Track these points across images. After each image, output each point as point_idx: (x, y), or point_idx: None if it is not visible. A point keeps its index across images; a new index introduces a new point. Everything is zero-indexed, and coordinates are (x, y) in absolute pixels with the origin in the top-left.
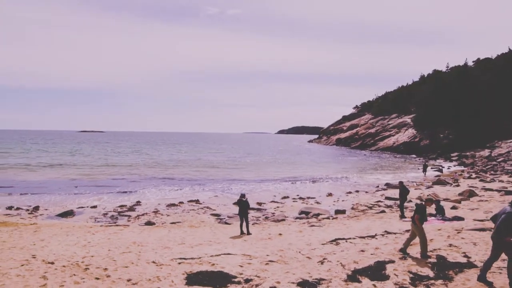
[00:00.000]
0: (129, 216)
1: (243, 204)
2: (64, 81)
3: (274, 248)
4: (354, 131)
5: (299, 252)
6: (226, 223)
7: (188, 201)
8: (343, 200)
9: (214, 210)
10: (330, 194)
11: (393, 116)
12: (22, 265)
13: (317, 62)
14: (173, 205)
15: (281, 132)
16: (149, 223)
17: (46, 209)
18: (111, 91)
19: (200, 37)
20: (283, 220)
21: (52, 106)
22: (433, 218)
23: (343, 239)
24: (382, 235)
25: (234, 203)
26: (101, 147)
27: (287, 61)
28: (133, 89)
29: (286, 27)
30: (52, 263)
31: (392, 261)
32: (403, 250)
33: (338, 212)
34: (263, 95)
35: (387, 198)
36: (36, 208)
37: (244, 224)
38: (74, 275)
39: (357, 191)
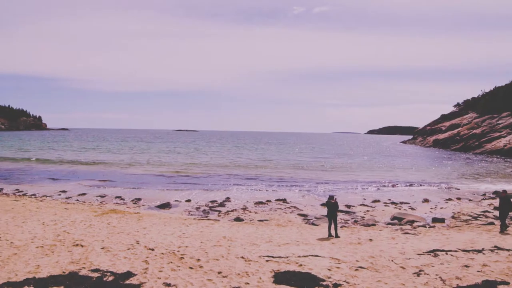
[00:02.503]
0: (219, 211)
1: (331, 206)
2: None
3: (364, 254)
4: (455, 131)
5: (392, 260)
6: (313, 224)
7: (276, 200)
8: (441, 208)
9: (301, 210)
10: (426, 200)
11: (504, 115)
12: (128, 249)
13: (411, 57)
14: (261, 203)
15: (372, 132)
16: (238, 219)
17: (147, 201)
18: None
19: (287, 37)
20: (374, 224)
21: (154, 107)
22: None
23: (443, 250)
24: (492, 250)
25: (322, 204)
26: (194, 146)
27: (378, 57)
28: (225, 90)
29: (376, 21)
30: (153, 249)
31: (506, 283)
32: None
33: (435, 220)
34: (352, 93)
35: (497, 208)
36: (139, 199)
37: (333, 226)
38: (171, 262)
39: (458, 199)
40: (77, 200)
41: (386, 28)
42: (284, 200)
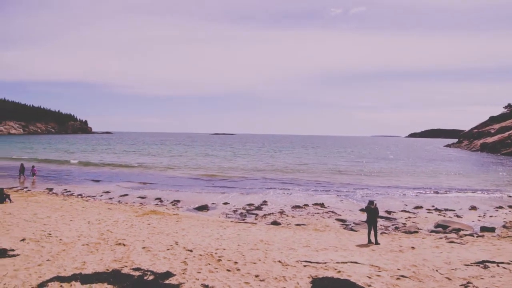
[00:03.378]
0: (257, 214)
1: (371, 212)
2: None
3: (406, 262)
4: (506, 134)
5: (436, 270)
6: (352, 229)
7: (313, 204)
8: (491, 216)
9: (339, 215)
10: (473, 208)
11: None
12: (168, 249)
13: (453, 56)
14: (298, 207)
15: (413, 135)
16: (275, 223)
17: (185, 203)
18: (241, 95)
19: (324, 39)
20: (416, 232)
21: (192, 111)
22: None
23: (494, 262)
24: None
25: (361, 210)
26: (231, 149)
27: (419, 57)
28: (261, 93)
29: (416, 20)
30: (191, 250)
31: None
32: None
33: (484, 229)
34: (392, 95)
35: None
36: (177, 201)
37: (372, 232)
38: (209, 264)
39: (510, 207)
40: (119, 201)
41: (425, 26)
42: (322, 205)
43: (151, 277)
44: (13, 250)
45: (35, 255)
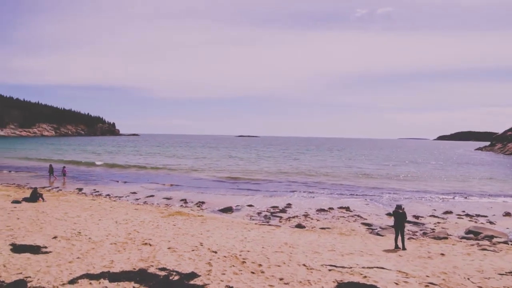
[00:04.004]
0: (281, 217)
1: (399, 216)
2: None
3: (435, 269)
4: None
5: (468, 278)
6: (378, 234)
7: (338, 208)
8: None
9: (365, 219)
10: (508, 214)
11: None
12: (193, 250)
13: (484, 56)
14: (323, 210)
15: (442, 138)
16: (299, 226)
17: (210, 204)
18: (265, 98)
19: (349, 40)
20: (445, 238)
21: (217, 113)
22: None
23: None
24: None
25: (388, 214)
26: (255, 152)
27: (449, 57)
28: (285, 95)
29: (445, 19)
30: (216, 252)
31: None
32: None
33: None
34: (420, 97)
35: None
36: (202, 203)
37: (399, 238)
38: (233, 266)
39: None
40: (145, 201)
41: (452, 26)
42: (347, 208)
43: (176, 277)
44: (46, 247)
45: (66, 252)
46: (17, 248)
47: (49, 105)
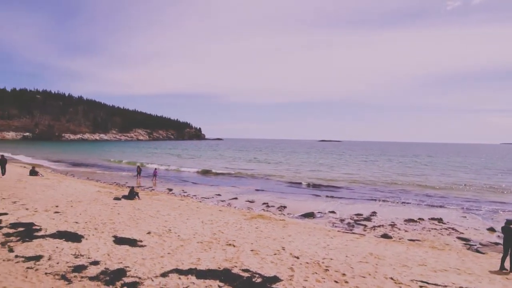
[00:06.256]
0: (365, 225)
1: (510, 233)
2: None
3: None
4: None
5: None
6: (477, 251)
7: (429, 219)
8: None
9: (462, 233)
10: None
11: None
12: (275, 254)
13: None
14: (412, 220)
15: None
16: (385, 236)
17: (291, 209)
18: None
19: (440, 37)
20: None
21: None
22: None
23: None
24: None
25: (489, 229)
26: (337, 157)
27: None
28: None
29: None
30: (298, 257)
31: None
32: None
33: None
34: None
35: None
36: (284, 207)
37: (508, 258)
38: (316, 273)
39: None
40: (229, 203)
41: None
42: (440, 220)
43: (259, 280)
44: (141, 241)
45: (158, 247)
46: (118, 240)
47: (143, 112)
